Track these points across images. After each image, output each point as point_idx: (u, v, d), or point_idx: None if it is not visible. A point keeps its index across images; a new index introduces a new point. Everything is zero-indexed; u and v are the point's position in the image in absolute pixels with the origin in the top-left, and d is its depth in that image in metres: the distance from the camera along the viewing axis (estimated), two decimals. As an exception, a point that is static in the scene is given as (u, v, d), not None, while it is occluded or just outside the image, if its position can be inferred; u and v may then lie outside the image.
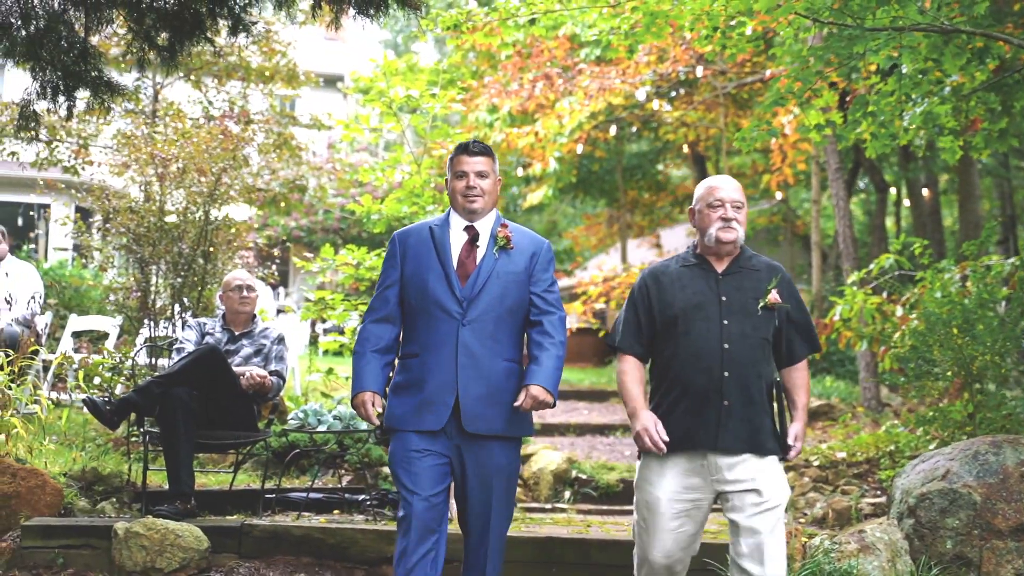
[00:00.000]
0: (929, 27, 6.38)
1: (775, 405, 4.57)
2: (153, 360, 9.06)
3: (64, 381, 10.16)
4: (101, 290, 13.39)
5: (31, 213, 19.16)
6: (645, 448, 4.50)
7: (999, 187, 24.66)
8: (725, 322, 4.51)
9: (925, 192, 21.09)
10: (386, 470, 7.76)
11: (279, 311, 16.45)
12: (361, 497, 7.20)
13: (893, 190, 25.44)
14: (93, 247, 10.14)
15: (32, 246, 17.83)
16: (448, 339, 4.52)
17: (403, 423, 4.56)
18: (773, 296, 4.54)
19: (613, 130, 18.54)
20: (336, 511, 7.11)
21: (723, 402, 4.44)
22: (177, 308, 9.42)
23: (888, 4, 6.38)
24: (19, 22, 5.35)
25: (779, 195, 19.61)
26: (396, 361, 4.73)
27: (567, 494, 8.54)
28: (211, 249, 9.52)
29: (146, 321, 9.72)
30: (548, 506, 8.19)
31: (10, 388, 6.79)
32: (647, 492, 4.57)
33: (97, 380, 8.02)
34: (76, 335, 11.45)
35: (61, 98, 5.63)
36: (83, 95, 5.90)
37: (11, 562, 5.78)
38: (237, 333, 7.09)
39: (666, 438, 4.45)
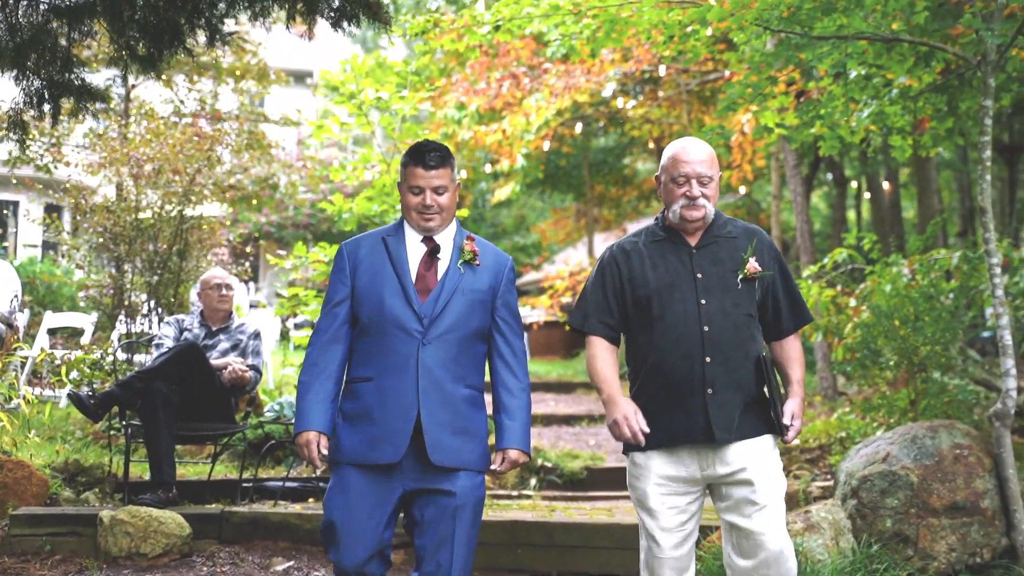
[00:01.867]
0: (872, 36, 6.71)
1: (766, 383, 4.15)
2: (129, 356, 9.31)
3: (40, 377, 10.38)
4: (73, 286, 13.61)
5: (4, 211, 19.30)
6: (623, 438, 4.14)
7: (958, 180, 25.16)
8: (703, 301, 4.11)
9: (886, 186, 21.56)
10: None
11: (251, 306, 16.69)
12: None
13: (855, 184, 25.91)
14: (71, 246, 10.36)
15: (5, 244, 17.97)
16: (407, 360, 4.07)
17: (353, 456, 4.09)
18: (752, 265, 4.17)
19: (579, 127, 18.90)
20: (311, 499, 7.40)
21: (707, 391, 4.06)
22: (152, 304, 9.69)
23: (834, 13, 6.71)
24: (7, 35, 5.60)
25: (743, 189, 20.00)
26: (345, 385, 4.26)
27: (532, 481, 8.86)
28: (185, 247, 9.79)
29: (122, 318, 9.97)
30: (515, 493, 8.50)
31: (-6, 384, 7.05)
32: (638, 489, 4.22)
33: (74, 375, 8.26)
34: (51, 332, 11.65)
35: (46, 106, 5.90)
36: (66, 102, 6.16)
37: (0, 549, 6.05)
38: (215, 329, 7.37)
39: (646, 428, 4.10)
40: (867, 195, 24.93)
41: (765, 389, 4.16)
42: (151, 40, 6.05)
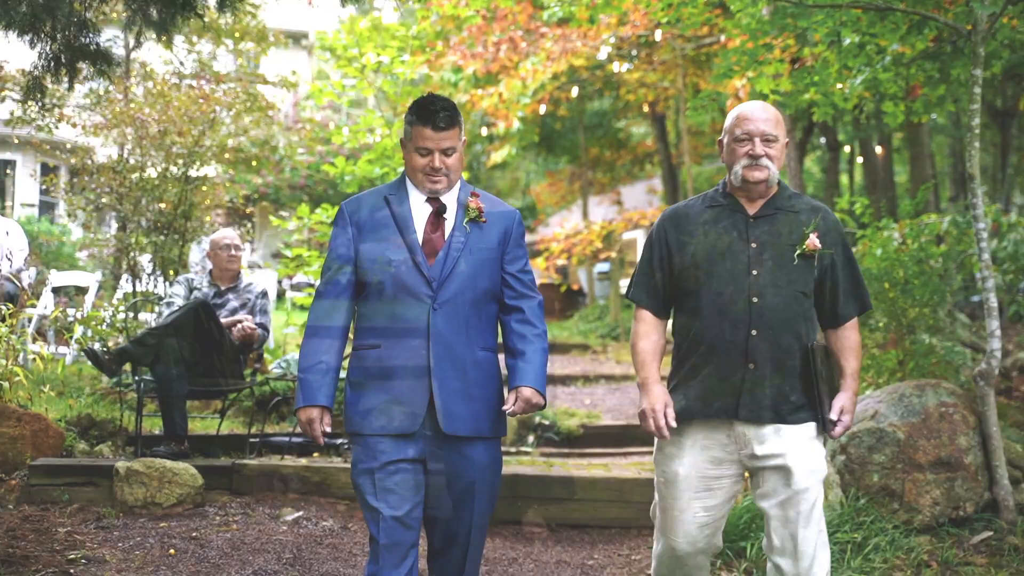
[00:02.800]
0: (866, 5, 6.88)
1: (815, 371, 3.88)
2: (134, 314, 9.48)
3: (43, 334, 10.57)
4: (73, 246, 13.75)
5: (6, 172, 19.42)
6: (647, 430, 3.90)
7: (951, 145, 25.32)
8: (754, 272, 3.86)
9: (878, 150, 21.71)
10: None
11: (250, 266, 16.85)
12: (339, 441, 7.70)
13: (848, 148, 26.06)
14: (75, 206, 10.50)
15: (8, 203, 18.11)
16: (417, 326, 3.87)
17: (368, 427, 3.88)
18: (811, 241, 3.89)
19: (575, 91, 18.99)
20: (316, 454, 7.62)
21: (748, 364, 3.84)
22: (156, 263, 9.86)
23: (830, -19, 6.86)
24: (23, -2, 5.74)
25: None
26: (351, 352, 4.06)
27: (531, 438, 9.10)
28: (190, 208, 9.96)
29: (127, 276, 10.15)
30: (513, 449, 8.73)
31: (9, 340, 7.24)
32: (665, 466, 4.00)
33: (80, 332, 8.45)
34: (55, 290, 11.83)
35: (63, 70, 6.06)
36: (83, 65, 6.32)
37: (20, 498, 6.27)
38: (223, 288, 7.57)
39: (673, 424, 3.85)
40: (860, 159, 25.11)
41: (816, 380, 3.88)
42: (163, 5, 6.21)
